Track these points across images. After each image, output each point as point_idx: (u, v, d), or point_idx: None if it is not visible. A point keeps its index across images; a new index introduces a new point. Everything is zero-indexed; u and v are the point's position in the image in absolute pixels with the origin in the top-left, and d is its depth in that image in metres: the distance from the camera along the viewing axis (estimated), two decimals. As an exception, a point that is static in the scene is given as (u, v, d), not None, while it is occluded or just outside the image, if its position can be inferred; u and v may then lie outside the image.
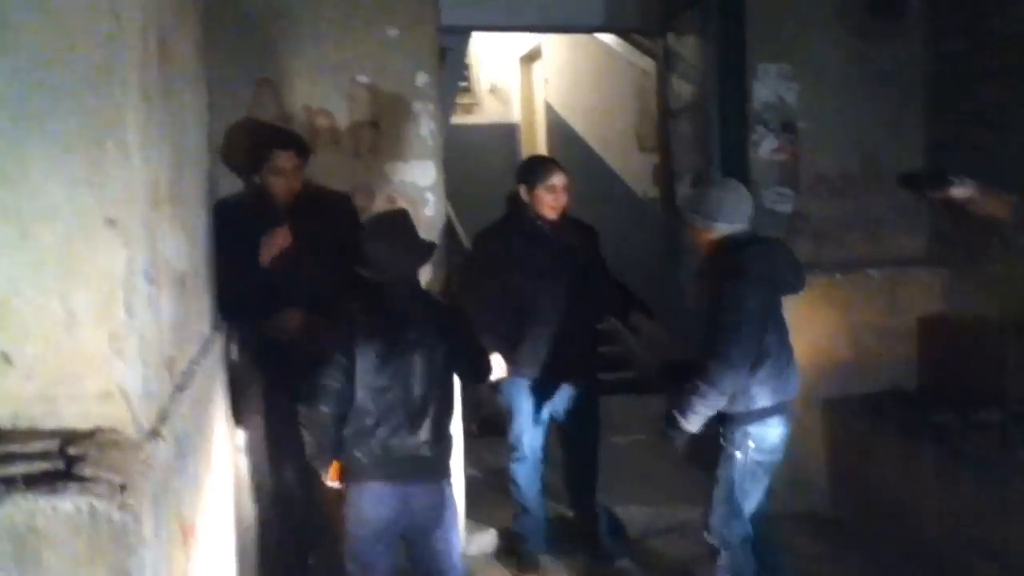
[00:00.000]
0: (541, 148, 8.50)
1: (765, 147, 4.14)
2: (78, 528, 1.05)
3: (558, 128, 7.98)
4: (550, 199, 3.44)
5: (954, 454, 3.44)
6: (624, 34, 6.33)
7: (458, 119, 7.68)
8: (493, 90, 9.09)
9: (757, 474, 2.93)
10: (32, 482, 1.08)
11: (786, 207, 4.15)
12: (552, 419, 3.62)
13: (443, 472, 2.72)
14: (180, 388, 1.61)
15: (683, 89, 4.73)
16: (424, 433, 2.62)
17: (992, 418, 3.53)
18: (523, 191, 3.49)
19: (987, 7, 3.90)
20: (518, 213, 3.53)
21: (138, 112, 1.27)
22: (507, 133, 8.98)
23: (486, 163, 8.42)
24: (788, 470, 4.07)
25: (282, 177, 3.12)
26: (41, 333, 1.21)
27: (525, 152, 8.83)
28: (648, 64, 6.02)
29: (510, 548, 3.76)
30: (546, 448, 3.65)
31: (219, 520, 2.22)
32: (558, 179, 3.45)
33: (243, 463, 3.24)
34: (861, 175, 4.16)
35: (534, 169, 3.53)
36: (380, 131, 3.59)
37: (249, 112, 3.42)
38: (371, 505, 2.61)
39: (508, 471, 3.65)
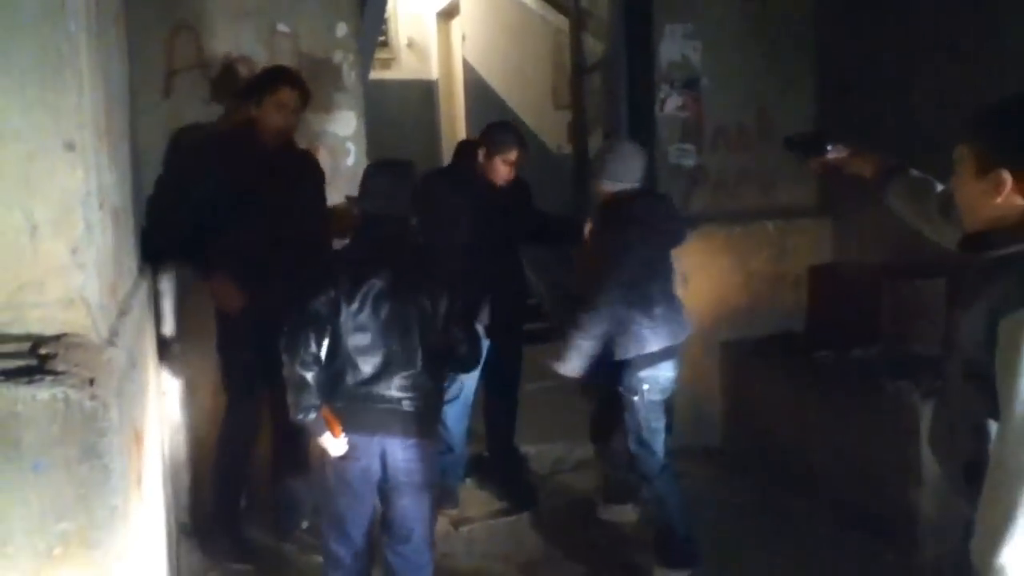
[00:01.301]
0: (459, 104, 8.58)
1: (670, 104, 4.37)
2: (54, 414, 1.18)
3: (476, 84, 8.07)
4: (504, 171, 3.57)
5: (833, 385, 3.78)
6: (539, -8, 6.47)
7: (376, 74, 7.68)
8: (411, 45, 9.09)
9: (657, 412, 3.20)
10: (11, 376, 1.20)
11: (689, 161, 4.41)
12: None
13: (423, 430, 2.57)
14: (122, 313, 1.71)
15: (595, 47, 4.92)
16: (404, 386, 2.50)
17: (868, 355, 3.89)
18: (481, 153, 3.60)
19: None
20: (468, 166, 3.66)
21: (88, 45, 1.36)
22: (425, 88, 9.02)
23: (404, 118, 8.46)
24: (687, 409, 4.41)
25: (283, 113, 3.18)
26: (5, 244, 1.31)
27: (443, 108, 8.90)
28: (563, 22, 6.17)
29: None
30: (477, 392, 3.83)
31: (154, 446, 2.33)
32: (516, 154, 3.56)
33: (183, 402, 3.35)
34: (756, 131, 4.44)
35: (497, 138, 3.60)
36: (301, 80, 3.65)
37: (168, 58, 3.45)
38: (342, 456, 2.52)
39: None
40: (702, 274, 4.35)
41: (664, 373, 3.17)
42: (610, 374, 3.19)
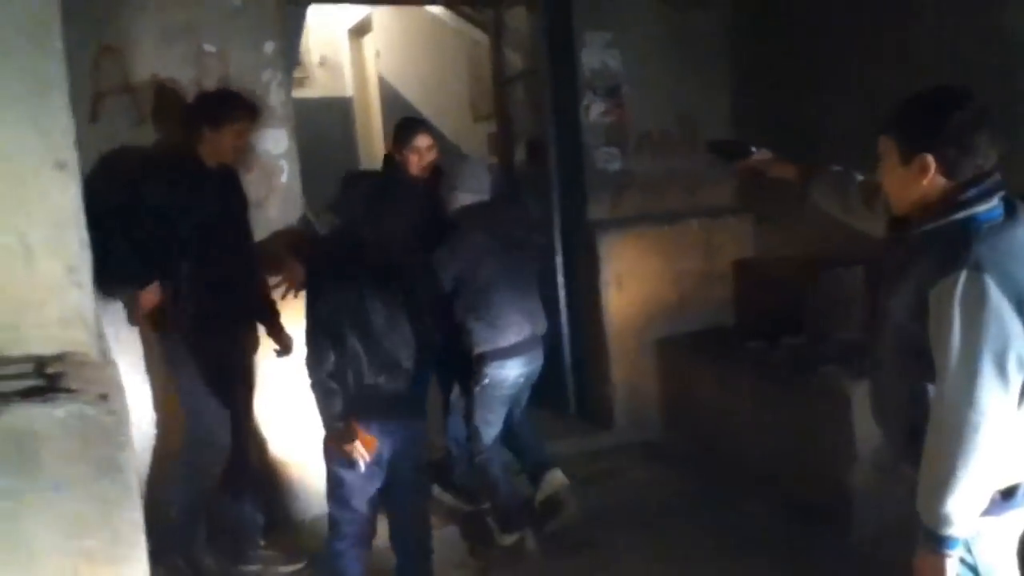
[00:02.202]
0: (375, 121, 8.57)
1: (595, 111, 4.49)
2: (71, 431, 1.17)
3: (392, 100, 8.08)
4: (415, 159, 3.65)
5: (765, 374, 3.95)
6: (453, 6, 6.52)
7: (290, 92, 7.61)
8: (323, 63, 9.04)
9: (493, 405, 3.45)
10: (25, 395, 1.19)
11: (615, 165, 4.54)
12: None
13: (419, 412, 2.84)
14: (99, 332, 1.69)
15: (517, 59, 5.01)
16: (401, 376, 2.71)
17: (796, 343, 4.09)
18: (396, 153, 3.70)
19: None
20: (393, 172, 3.73)
21: (66, 66, 1.36)
22: (340, 106, 8.97)
23: (320, 136, 8.37)
24: (626, 406, 4.56)
25: (241, 139, 3.26)
26: (1, 266, 1.29)
27: (360, 125, 8.88)
28: (479, 35, 6.25)
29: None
30: None
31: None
32: (422, 140, 3.65)
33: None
34: (678, 135, 4.59)
35: (401, 131, 3.73)
36: (230, 100, 3.62)
37: (93, 81, 3.37)
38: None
39: None
40: (635, 274, 4.50)
41: (510, 371, 3.41)
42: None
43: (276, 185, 3.74)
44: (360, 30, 8.66)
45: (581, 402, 4.74)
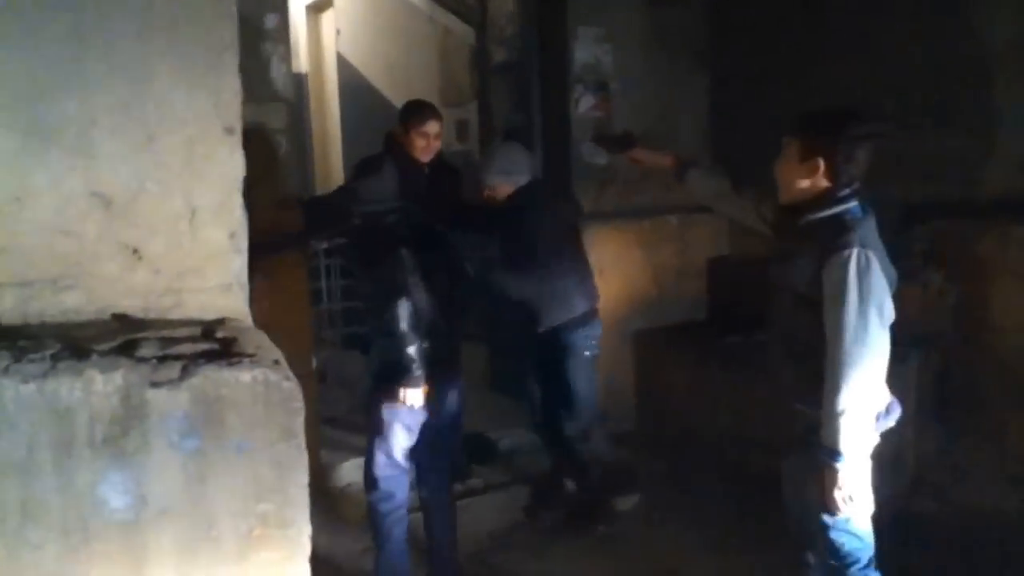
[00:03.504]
0: (332, 98, 8.42)
1: (584, 105, 4.57)
2: (255, 395, 1.17)
3: (352, 80, 7.96)
4: (422, 143, 3.57)
5: (738, 369, 4.11)
6: (428, -9, 6.47)
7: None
8: (278, 38, 8.83)
9: (588, 368, 3.67)
10: (210, 359, 1.18)
11: (601, 159, 4.61)
12: None
13: (459, 367, 3.16)
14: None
15: (499, 49, 5.03)
16: (445, 333, 2.95)
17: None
18: (400, 132, 3.63)
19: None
20: (394, 151, 3.67)
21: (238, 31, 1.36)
22: (294, 83, 8.81)
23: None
24: (602, 396, 4.64)
25: None
26: (167, 229, 1.28)
27: (314, 101, 8.72)
28: (452, 21, 6.21)
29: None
30: None
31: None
32: (431, 127, 3.58)
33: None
34: (658, 131, 4.70)
35: (411, 113, 3.62)
36: (231, 72, 3.56)
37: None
38: (411, 409, 2.88)
39: None
40: (616, 268, 4.59)
41: (596, 330, 3.65)
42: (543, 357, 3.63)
43: (275, 160, 3.70)
44: (319, 7, 8.49)
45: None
